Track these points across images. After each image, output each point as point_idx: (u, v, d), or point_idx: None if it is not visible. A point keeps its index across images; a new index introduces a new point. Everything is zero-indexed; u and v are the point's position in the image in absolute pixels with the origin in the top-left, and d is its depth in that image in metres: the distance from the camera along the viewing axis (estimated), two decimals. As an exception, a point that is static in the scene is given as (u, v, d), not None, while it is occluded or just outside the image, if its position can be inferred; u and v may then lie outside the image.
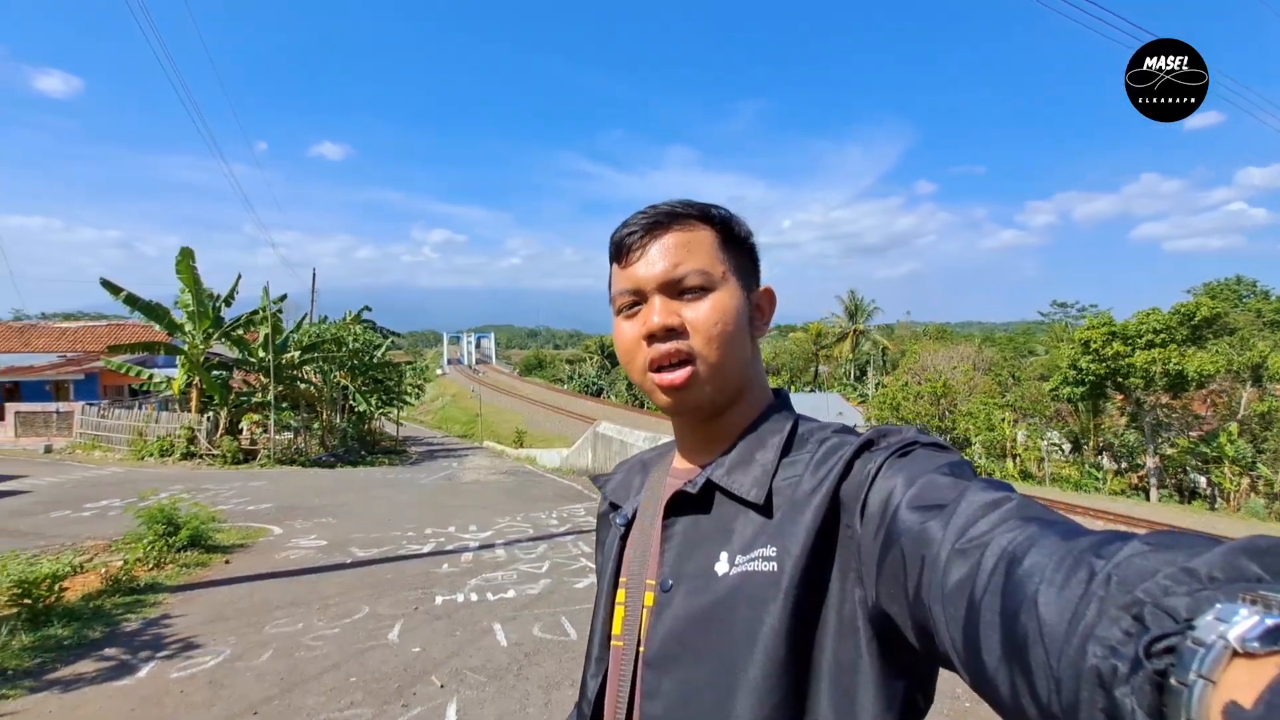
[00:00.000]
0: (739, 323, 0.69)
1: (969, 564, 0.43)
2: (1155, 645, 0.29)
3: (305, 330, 23.17)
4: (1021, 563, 0.39)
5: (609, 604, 0.75)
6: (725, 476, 0.67)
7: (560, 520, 8.77)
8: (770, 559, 0.59)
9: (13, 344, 26.46)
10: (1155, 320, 23.93)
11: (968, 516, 0.46)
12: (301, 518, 8.96)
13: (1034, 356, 45.24)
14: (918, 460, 0.56)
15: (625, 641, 0.70)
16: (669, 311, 0.68)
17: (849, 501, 0.58)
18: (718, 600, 0.61)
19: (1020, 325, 73.72)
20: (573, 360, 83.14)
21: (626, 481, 0.84)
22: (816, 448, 0.65)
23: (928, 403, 29.06)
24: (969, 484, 0.51)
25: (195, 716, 3.29)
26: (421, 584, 5.65)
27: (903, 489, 0.53)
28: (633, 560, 0.74)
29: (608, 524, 0.83)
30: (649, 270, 0.69)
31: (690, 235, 0.70)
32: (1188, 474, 25.61)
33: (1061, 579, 0.36)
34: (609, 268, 0.76)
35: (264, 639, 4.35)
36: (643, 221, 0.71)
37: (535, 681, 3.68)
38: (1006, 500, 0.47)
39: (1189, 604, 0.29)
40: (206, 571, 6.08)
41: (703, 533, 0.67)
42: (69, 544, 7.09)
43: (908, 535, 0.50)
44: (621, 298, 0.71)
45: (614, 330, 0.74)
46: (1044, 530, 0.41)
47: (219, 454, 17.04)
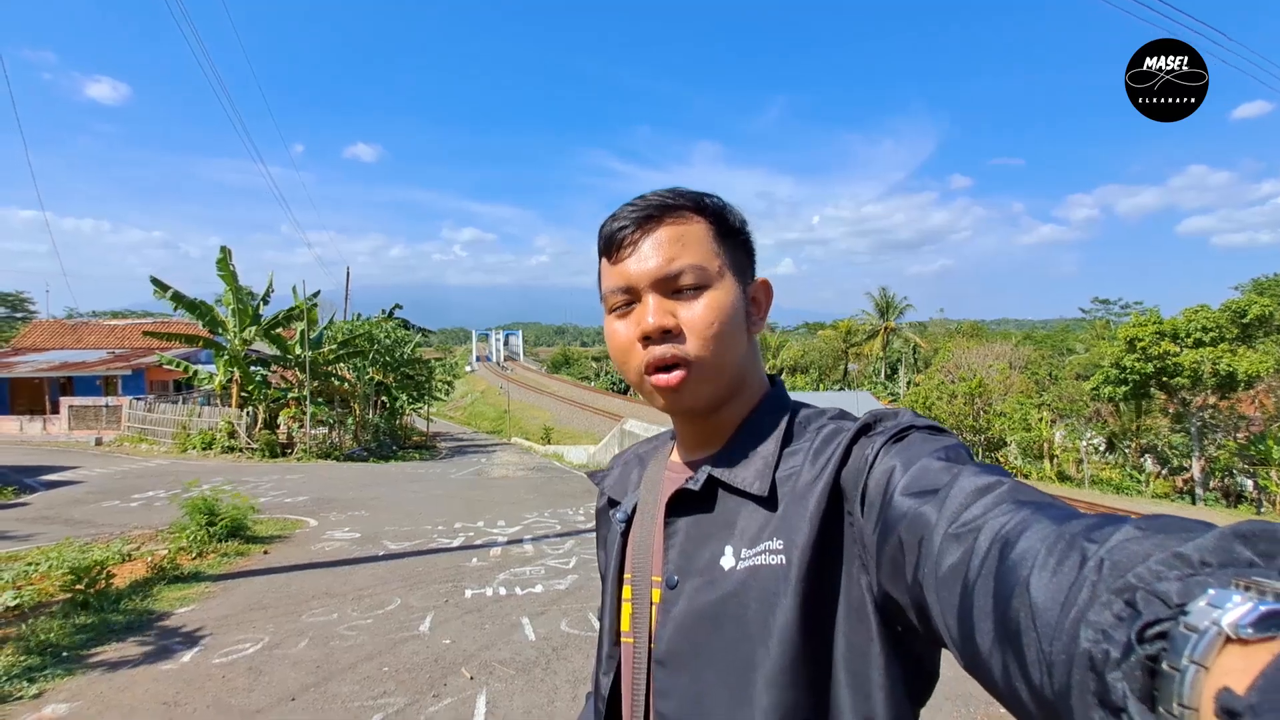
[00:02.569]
0: (735, 320, 0.67)
1: (963, 548, 0.43)
2: (1147, 630, 0.29)
3: (338, 327, 23.74)
4: (1014, 547, 0.39)
5: (615, 600, 0.74)
6: (727, 471, 0.66)
7: (587, 517, 8.81)
8: (778, 552, 0.59)
9: (66, 340, 27.71)
10: (1204, 318, 23.01)
11: (961, 501, 0.46)
12: (336, 510, 9.18)
13: (1072, 355, 43.86)
14: (913, 445, 0.56)
15: (635, 638, 0.70)
16: (664, 311, 0.65)
17: (849, 488, 0.58)
18: (727, 596, 0.61)
19: (1058, 323, 71.57)
20: (600, 357, 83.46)
21: (624, 476, 0.83)
22: (815, 435, 0.65)
23: (962, 402, 28.41)
24: (963, 468, 0.50)
25: (236, 701, 3.40)
26: (451, 577, 5.74)
27: (899, 474, 0.53)
28: (636, 556, 0.73)
29: (607, 520, 0.82)
30: (641, 267, 0.66)
31: (684, 229, 0.67)
32: (1234, 477, 24.60)
33: (1054, 563, 0.36)
34: (598, 262, 0.72)
35: (300, 628, 4.47)
36: (633, 214, 0.68)
37: (563, 676, 3.71)
38: (1000, 484, 0.47)
39: (1181, 589, 0.29)
40: (246, 561, 6.28)
41: (706, 528, 0.66)
42: (118, 532, 7.39)
43: (904, 520, 0.50)
44: (613, 296, 0.69)
45: (605, 329, 0.71)
46: (1037, 514, 0.41)
47: (257, 447, 17.58)
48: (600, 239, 0.71)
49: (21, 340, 28.47)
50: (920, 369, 46.93)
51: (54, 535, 7.27)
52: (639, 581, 0.71)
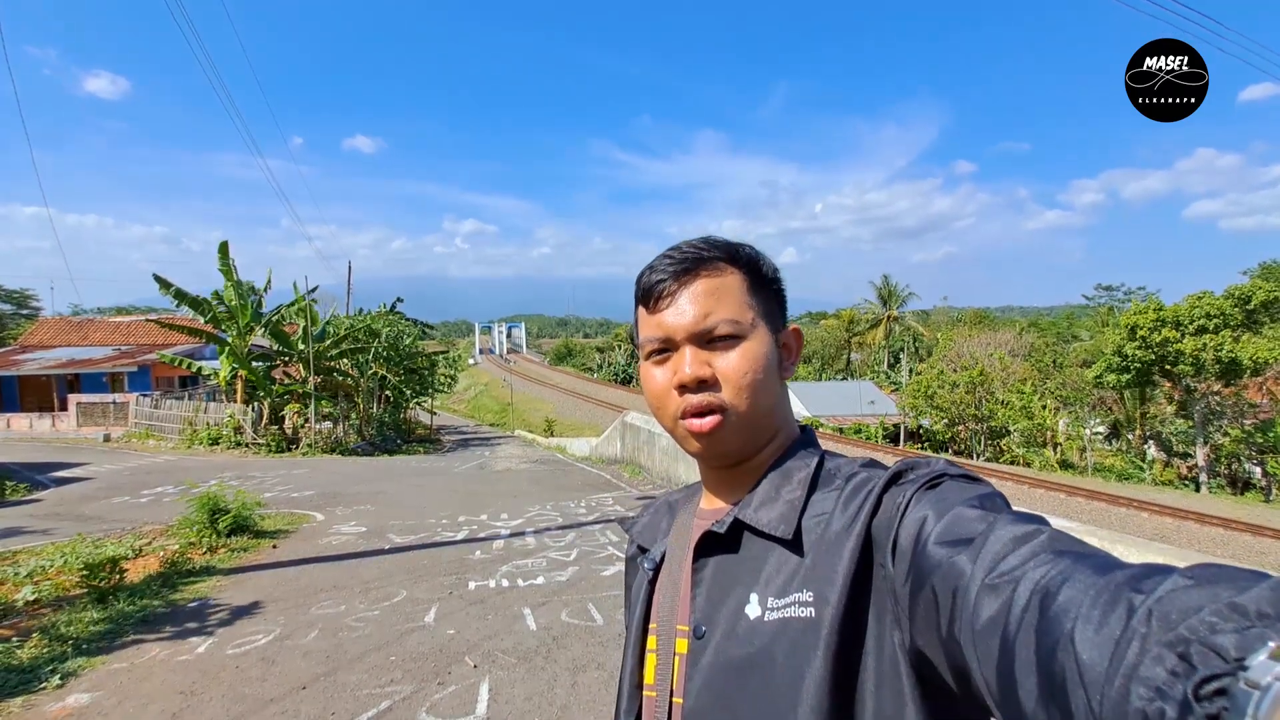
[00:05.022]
0: (769, 369, 0.69)
1: (1000, 600, 0.42)
2: (1205, 686, 0.28)
3: (339, 322, 23.84)
4: (1056, 598, 0.38)
5: (638, 650, 0.74)
6: (752, 514, 0.67)
7: (589, 509, 8.93)
8: (808, 604, 0.58)
9: (72, 337, 27.92)
10: (1207, 305, 22.91)
11: (998, 551, 0.45)
12: (342, 505, 9.33)
13: (1077, 342, 43.70)
14: (947, 493, 0.55)
15: (659, 691, 0.69)
16: (700, 362, 0.68)
17: (880, 539, 0.57)
18: (756, 650, 0.60)
19: (1063, 310, 71.21)
20: (602, 349, 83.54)
21: (654, 524, 0.84)
22: (844, 484, 0.64)
23: (964, 391, 28.41)
24: (998, 516, 0.49)
25: (250, 690, 3.54)
26: (455, 570, 5.87)
27: (932, 523, 0.52)
28: (662, 605, 0.73)
29: (635, 567, 0.83)
30: (679, 320, 0.69)
31: (719, 281, 0.70)
32: (1241, 464, 24.56)
33: (1099, 615, 0.35)
34: (634, 309, 0.75)
35: (310, 619, 4.61)
36: (670, 268, 0.70)
37: (563, 664, 3.84)
38: (1038, 533, 0.46)
39: (1238, 641, 0.28)
40: (255, 555, 6.43)
41: (732, 573, 0.67)
42: (129, 528, 7.56)
43: (937, 571, 0.48)
44: (650, 344, 0.71)
45: (642, 375, 0.74)
46: (1078, 564, 0.40)
47: (263, 443, 17.77)
48: (638, 288, 0.73)
49: (28, 338, 28.70)
50: (923, 357, 46.88)
51: (67, 531, 7.43)
52: (664, 631, 0.71)
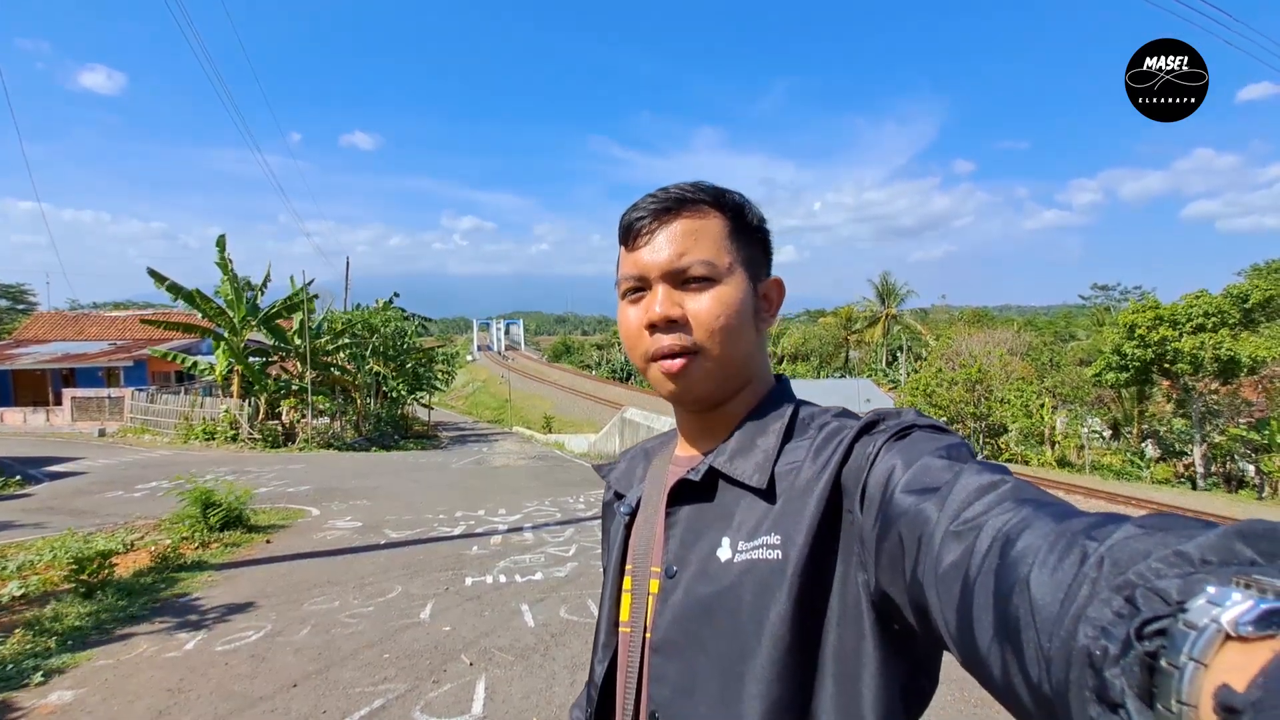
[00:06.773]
0: (742, 315, 0.69)
1: (963, 546, 0.43)
2: (1147, 627, 0.29)
3: (336, 317, 23.72)
4: (1015, 544, 0.40)
5: (615, 591, 0.77)
6: (727, 463, 0.67)
7: (587, 504, 8.87)
8: (775, 547, 0.60)
9: (68, 332, 27.75)
10: (1204, 304, 22.94)
11: (963, 499, 0.47)
12: (338, 500, 9.24)
13: (1075, 341, 43.81)
14: (915, 443, 0.57)
15: (632, 627, 0.72)
16: (671, 302, 0.67)
17: (850, 486, 0.58)
18: (723, 589, 0.62)
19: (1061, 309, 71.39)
20: (601, 346, 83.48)
21: (630, 470, 0.85)
22: (817, 433, 0.66)
23: (963, 389, 28.40)
24: (964, 466, 0.51)
25: (239, 688, 3.45)
26: (452, 565, 5.79)
27: (900, 472, 0.53)
28: (638, 547, 0.75)
29: (612, 512, 0.84)
30: (654, 257, 0.69)
31: (699, 223, 0.69)
32: (1236, 462, 24.62)
33: (1054, 560, 0.36)
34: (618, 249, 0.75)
35: (303, 616, 4.52)
36: (652, 206, 0.70)
37: (561, 662, 3.76)
38: (1002, 482, 0.47)
39: (1181, 586, 0.29)
40: (249, 550, 6.33)
41: (706, 519, 0.68)
42: (122, 522, 7.46)
43: (904, 518, 0.50)
44: (626, 282, 0.71)
45: (618, 313, 0.74)
46: (1038, 512, 0.42)
47: (259, 438, 17.65)
48: (620, 227, 0.73)
49: (23, 332, 28.52)
50: (921, 356, 46.89)
51: (58, 525, 7.32)
52: (639, 572, 0.73)
